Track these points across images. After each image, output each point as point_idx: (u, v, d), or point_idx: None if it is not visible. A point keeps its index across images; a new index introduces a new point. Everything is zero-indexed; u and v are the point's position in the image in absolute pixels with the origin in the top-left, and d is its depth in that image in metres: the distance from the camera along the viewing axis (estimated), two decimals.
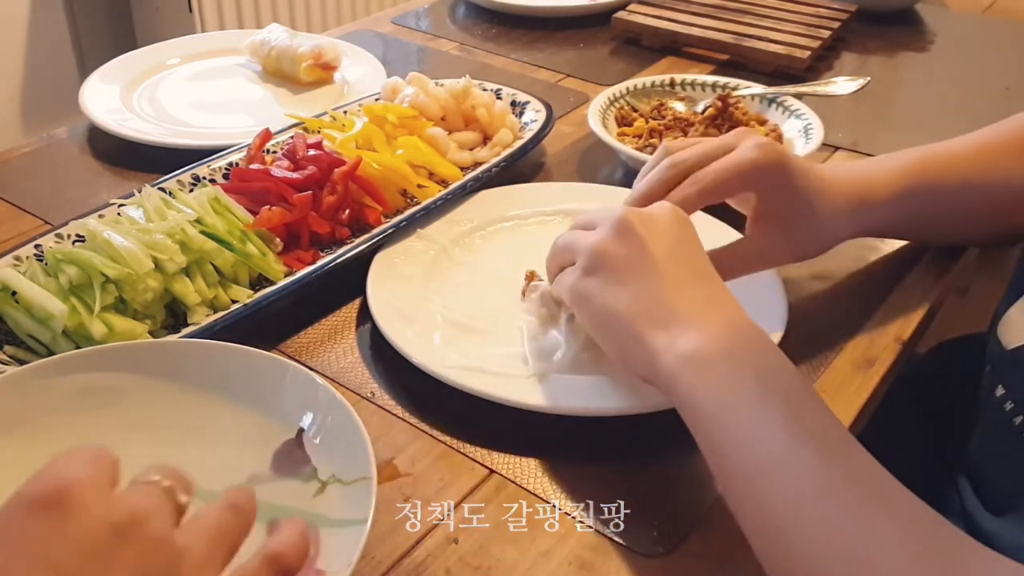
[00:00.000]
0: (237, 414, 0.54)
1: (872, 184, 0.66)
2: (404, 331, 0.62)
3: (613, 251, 0.54)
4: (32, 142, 0.90)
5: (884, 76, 1.10)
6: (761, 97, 0.92)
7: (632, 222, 0.54)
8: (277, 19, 2.22)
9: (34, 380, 0.53)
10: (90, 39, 2.18)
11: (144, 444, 0.53)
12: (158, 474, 0.37)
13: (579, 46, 1.16)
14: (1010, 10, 1.32)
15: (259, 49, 1.04)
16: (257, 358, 0.54)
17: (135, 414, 0.54)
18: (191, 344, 0.56)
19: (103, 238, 0.62)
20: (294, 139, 0.78)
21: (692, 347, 0.49)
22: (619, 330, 0.53)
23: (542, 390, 0.58)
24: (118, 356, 0.55)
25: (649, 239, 0.53)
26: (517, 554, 0.51)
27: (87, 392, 0.53)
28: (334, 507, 0.48)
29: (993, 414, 0.61)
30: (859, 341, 0.66)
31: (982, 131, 0.72)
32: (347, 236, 0.73)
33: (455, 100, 0.87)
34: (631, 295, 0.52)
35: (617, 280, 0.53)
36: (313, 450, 0.51)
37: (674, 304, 0.51)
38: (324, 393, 0.52)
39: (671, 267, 0.53)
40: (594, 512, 0.53)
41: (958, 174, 0.69)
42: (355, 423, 0.49)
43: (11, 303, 0.61)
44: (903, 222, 0.70)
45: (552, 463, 0.56)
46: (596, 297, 0.54)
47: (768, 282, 0.68)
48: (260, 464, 0.51)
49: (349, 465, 0.48)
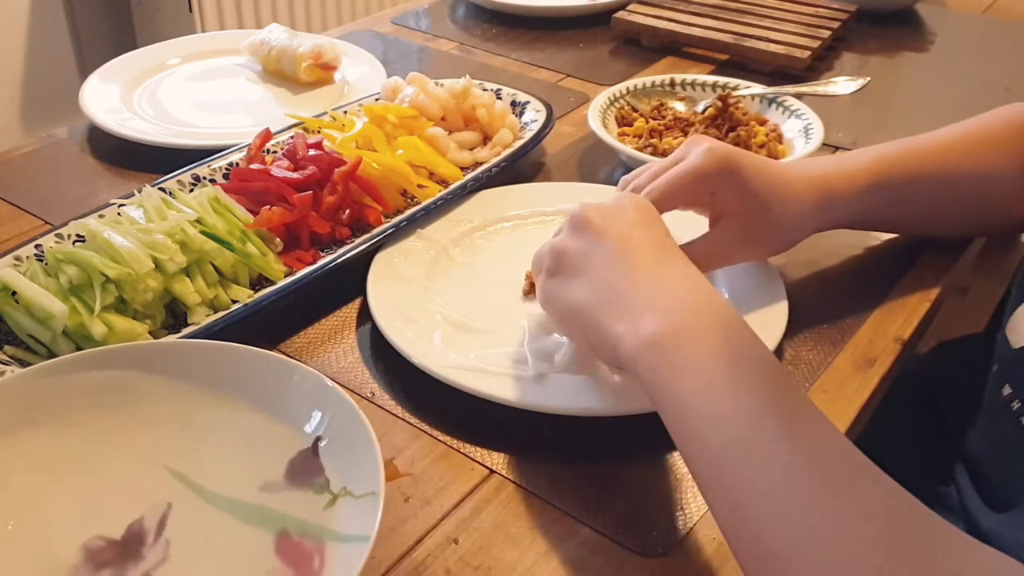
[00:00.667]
0: (253, 419, 0.53)
1: (838, 178, 0.67)
2: (404, 331, 0.62)
3: (570, 247, 0.54)
4: (32, 142, 0.90)
5: (884, 76, 1.10)
6: (761, 97, 0.92)
7: (587, 215, 0.54)
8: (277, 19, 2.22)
9: (52, 377, 0.53)
10: (90, 39, 2.18)
11: (159, 446, 0.53)
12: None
13: (579, 46, 1.16)
14: (1010, 10, 1.32)
15: (259, 49, 1.04)
16: (276, 363, 0.54)
17: (151, 414, 0.54)
18: (211, 346, 0.55)
19: (103, 238, 0.62)
20: (294, 139, 0.78)
21: (651, 331, 0.48)
22: (583, 323, 0.53)
23: (542, 390, 0.58)
24: (137, 355, 0.55)
25: (606, 228, 0.54)
26: (517, 554, 0.51)
27: (104, 390, 0.53)
28: (343, 521, 0.48)
29: (999, 413, 0.61)
30: (859, 341, 0.66)
31: (956, 125, 0.72)
32: (347, 236, 0.73)
33: (455, 100, 0.87)
34: (590, 287, 0.52)
35: (576, 274, 0.53)
36: (328, 461, 0.51)
37: (632, 289, 0.51)
38: (343, 406, 0.51)
39: (629, 252, 0.52)
40: (594, 512, 0.53)
41: (927, 167, 0.69)
42: (368, 435, 0.49)
43: (11, 303, 0.61)
44: (872, 214, 0.70)
45: (552, 463, 0.56)
46: (559, 295, 0.54)
47: (768, 282, 0.68)
48: (274, 472, 0.51)
49: (360, 478, 0.48)
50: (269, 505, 0.49)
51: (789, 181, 0.64)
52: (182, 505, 0.50)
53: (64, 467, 0.51)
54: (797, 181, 0.65)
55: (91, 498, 0.50)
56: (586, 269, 0.53)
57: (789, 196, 0.64)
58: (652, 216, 0.55)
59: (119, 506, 0.50)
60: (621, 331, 0.49)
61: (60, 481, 0.51)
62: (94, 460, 0.52)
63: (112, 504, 0.50)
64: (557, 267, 0.55)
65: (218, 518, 0.49)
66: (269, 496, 0.50)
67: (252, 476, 0.51)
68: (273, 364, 0.54)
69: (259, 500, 0.50)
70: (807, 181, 0.65)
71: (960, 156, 0.70)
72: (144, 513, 0.49)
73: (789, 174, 0.65)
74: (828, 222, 0.68)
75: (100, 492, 0.51)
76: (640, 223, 0.54)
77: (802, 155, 0.81)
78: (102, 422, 0.53)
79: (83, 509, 0.50)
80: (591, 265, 0.53)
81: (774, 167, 0.64)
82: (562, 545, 0.51)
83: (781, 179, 0.64)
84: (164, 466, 0.52)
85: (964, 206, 0.72)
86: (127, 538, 0.48)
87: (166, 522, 0.49)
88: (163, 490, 0.50)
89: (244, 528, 0.48)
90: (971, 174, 0.70)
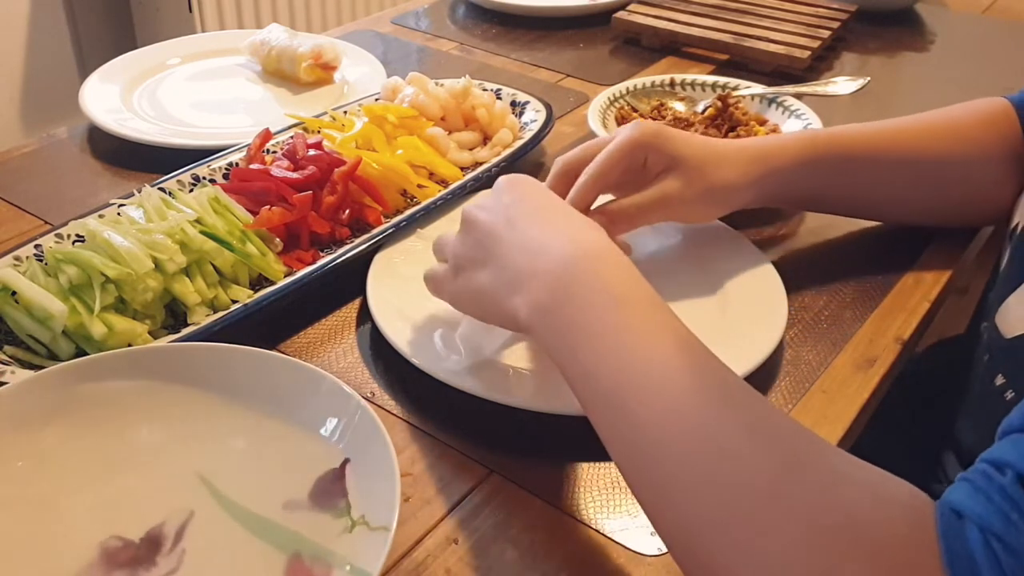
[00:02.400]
0: (286, 434, 0.53)
1: (774, 147, 0.69)
2: (404, 331, 0.62)
3: (463, 243, 0.56)
4: (32, 142, 0.90)
5: (884, 76, 1.10)
6: (761, 97, 0.92)
7: (468, 213, 0.56)
8: (277, 19, 2.22)
9: (88, 374, 0.54)
10: (90, 39, 2.18)
11: (192, 452, 0.53)
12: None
13: (579, 46, 1.16)
14: (1010, 10, 1.32)
15: (259, 49, 1.04)
16: (313, 377, 0.54)
17: (188, 419, 0.54)
18: (243, 352, 0.55)
19: (103, 238, 0.62)
20: (294, 139, 0.78)
21: (533, 297, 0.49)
22: (486, 306, 0.55)
23: (542, 391, 0.58)
24: (177, 357, 0.55)
25: (486, 216, 0.55)
26: (517, 554, 0.51)
27: (144, 391, 0.54)
28: (354, 552, 0.47)
29: (991, 403, 0.61)
30: (859, 341, 0.66)
31: (923, 113, 0.74)
32: (347, 236, 0.73)
33: (455, 100, 0.87)
34: (487, 272, 0.54)
35: (474, 268, 0.55)
36: (352, 484, 0.51)
37: (518, 257, 0.52)
38: (372, 430, 0.51)
39: (511, 226, 0.53)
40: (594, 512, 0.53)
41: (875, 147, 0.71)
42: (392, 464, 0.49)
43: (11, 303, 0.61)
44: (820, 192, 0.72)
45: (552, 463, 0.56)
46: (464, 291, 0.56)
47: (768, 282, 0.68)
48: (299, 491, 0.51)
49: (378, 508, 0.48)
50: (288, 525, 0.49)
51: (720, 149, 0.67)
52: (204, 514, 0.50)
53: (97, 465, 0.52)
54: (730, 150, 0.68)
55: (118, 497, 0.51)
56: (481, 259, 0.54)
57: (721, 160, 0.66)
58: (526, 186, 0.57)
59: (144, 508, 0.50)
60: (516, 303, 0.51)
61: (91, 478, 0.51)
62: (128, 460, 0.53)
63: (138, 505, 0.50)
64: (456, 268, 0.56)
65: (236, 532, 0.49)
66: (290, 515, 0.50)
67: (277, 492, 0.51)
68: (312, 379, 0.54)
69: (280, 518, 0.50)
70: (740, 149, 0.68)
71: (918, 140, 0.72)
72: (166, 519, 0.49)
73: (721, 143, 0.68)
74: (770, 195, 0.70)
75: (128, 492, 0.51)
76: (516, 197, 0.55)
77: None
78: (139, 423, 0.54)
79: (108, 507, 0.50)
80: (486, 253, 0.54)
81: (704, 139, 0.67)
82: (562, 545, 0.51)
83: (711, 147, 0.67)
84: (196, 473, 0.52)
85: (924, 191, 0.73)
86: (145, 542, 0.48)
87: (185, 531, 0.49)
88: (189, 497, 0.51)
89: (259, 545, 0.48)
90: (930, 158, 0.71)
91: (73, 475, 0.51)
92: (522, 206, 0.54)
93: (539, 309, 0.49)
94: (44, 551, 0.48)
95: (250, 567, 0.48)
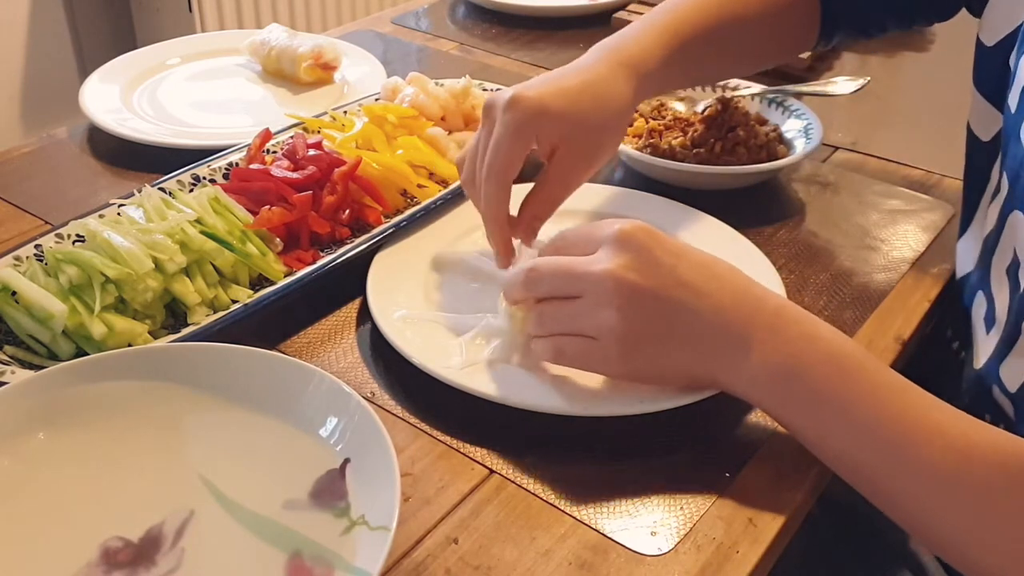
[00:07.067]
0: (286, 432, 0.53)
1: (641, 53, 0.70)
2: (404, 331, 0.62)
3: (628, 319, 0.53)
4: (32, 142, 0.90)
5: (884, 76, 1.10)
6: (761, 97, 0.92)
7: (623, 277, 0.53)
8: (277, 19, 2.22)
9: (90, 374, 0.54)
10: (90, 39, 2.18)
11: (194, 451, 0.53)
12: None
13: (579, 46, 1.16)
14: None
15: (259, 49, 1.04)
16: (312, 377, 0.54)
17: (189, 418, 0.54)
18: (243, 352, 0.55)
19: (103, 238, 0.62)
20: (294, 139, 0.78)
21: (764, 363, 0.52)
22: (681, 380, 0.56)
23: (542, 391, 0.58)
24: (177, 356, 0.55)
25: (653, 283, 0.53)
26: (517, 554, 0.51)
27: (144, 390, 0.54)
28: (355, 552, 0.47)
29: (953, 367, 0.62)
30: (859, 341, 0.66)
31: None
32: (347, 236, 0.73)
33: (455, 100, 0.87)
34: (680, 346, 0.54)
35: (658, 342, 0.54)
36: (352, 484, 0.51)
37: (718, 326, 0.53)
38: (373, 431, 0.51)
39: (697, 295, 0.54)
40: (594, 512, 0.53)
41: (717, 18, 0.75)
42: (392, 464, 0.48)
43: (11, 303, 0.61)
44: (682, 75, 0.77)
45: (552, 463, 0.56)
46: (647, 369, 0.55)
47: (768, 282, 0.68)
48: (299, 490, 0.51)
49: (378, 508, 0.48)
50: (288, 524, 0.49)
51: (590, 88, 0.66)
52: (204, 514, 0.50)
53: (97, 464, 0.52)
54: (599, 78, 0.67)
55: (118, 497, 0.51)
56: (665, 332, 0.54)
57: (597, 97, 0.66)
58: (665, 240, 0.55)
59: (144, 508, 0.50)
60: (726, 363, 0.53)
61: (90, 477, 0.51)
62: (127, 459, 0.52)
63: (138, 505, 0.50)
64: (625, 345, 0.54)
65: (236, 532, 0.49)
66: (290, 515, 0.50)
67: (278, 492, 0.51)
68: (313, 379, 0.54)
69: (280, 517, 0.50)
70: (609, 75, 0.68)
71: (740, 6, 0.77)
72: (166, 518, 0.49)
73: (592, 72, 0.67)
74: (644, 95, 0.72)
75: (128, 492, 0.51)
76: (668, 253, 0.54)
77: (802, 155, 0.81)
78: (139, 423, 0.53)
79: (108, 507, 0.50)
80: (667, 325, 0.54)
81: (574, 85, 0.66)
82: (562, 545, 0.51)
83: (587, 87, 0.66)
84: (196, 472, 0.52)
85: (761, 46, 0.81)
86: (144, 541, 0.48)
87: (184, 530, 0.49)
88: (189, 497, 0.51)
89: (259, 545, 0.48)
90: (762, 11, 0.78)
91: (73, 475, 0.51)
92: (685, 264, 0.54)
93: (775, 377, 0.52)
94: (44, 550, 0.48)
95: (250, 567, 0.48)
